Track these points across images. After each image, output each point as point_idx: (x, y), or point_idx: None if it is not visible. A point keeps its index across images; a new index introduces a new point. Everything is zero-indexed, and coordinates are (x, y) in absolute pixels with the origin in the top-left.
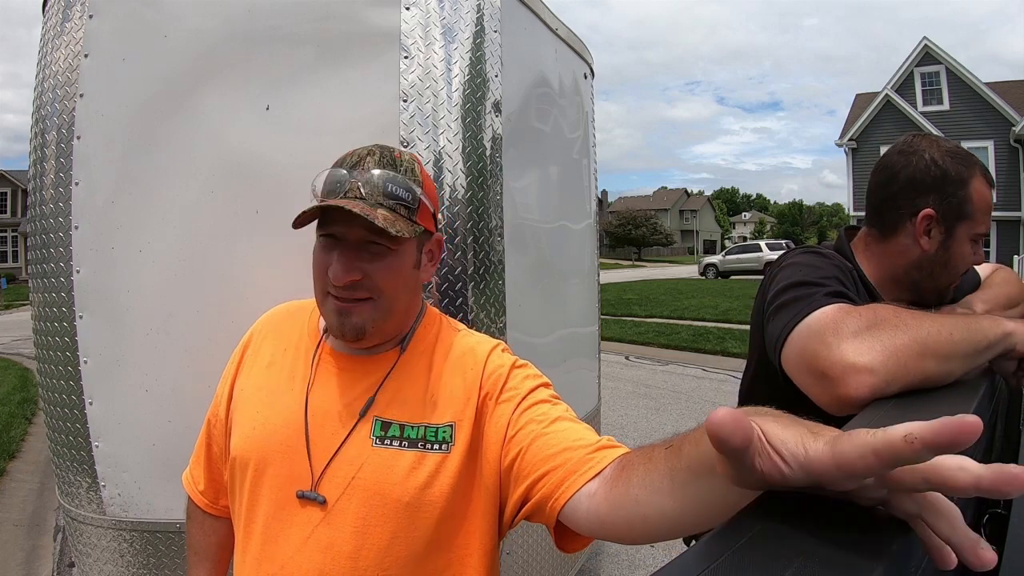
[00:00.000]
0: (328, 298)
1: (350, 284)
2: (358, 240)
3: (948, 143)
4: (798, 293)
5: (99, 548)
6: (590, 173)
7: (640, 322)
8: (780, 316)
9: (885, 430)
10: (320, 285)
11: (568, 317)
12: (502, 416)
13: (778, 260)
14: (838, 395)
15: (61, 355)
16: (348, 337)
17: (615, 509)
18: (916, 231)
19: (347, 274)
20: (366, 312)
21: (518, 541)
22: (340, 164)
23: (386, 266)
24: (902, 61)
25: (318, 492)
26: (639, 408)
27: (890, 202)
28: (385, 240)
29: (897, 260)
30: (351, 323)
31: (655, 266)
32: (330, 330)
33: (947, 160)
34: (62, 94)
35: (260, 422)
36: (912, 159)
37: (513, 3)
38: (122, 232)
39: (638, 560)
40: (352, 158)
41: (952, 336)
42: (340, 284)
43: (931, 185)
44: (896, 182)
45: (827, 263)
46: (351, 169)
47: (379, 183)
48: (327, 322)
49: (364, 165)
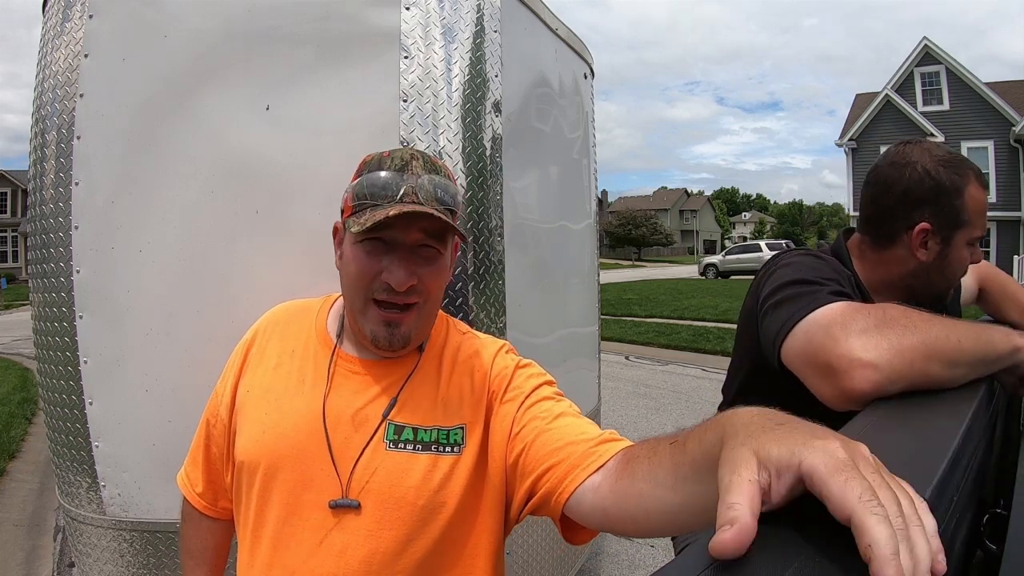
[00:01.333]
0: (371, 306)
1: (410, 289)
2: (413, 244)
3: (939, 150)
4: (799, 290)
5: (99, 548)
6: (590, 173)
7: (640, 322)
8: (780, 311)
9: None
10: (363, 291)
11: (568, 317)
12: (507, 415)
13: (773, 259)
14: (842, 388)
15: (61, 355)
16: (395, 347)
17: (619, 502)
18: (912, 244)
19: (409, 278)
20: (411, 320)
21: (518, 541)
22: (379, 167)
23: (436, 269)
24: (902, 61)
25: (350, 498)
26: (639, 408)
27: (885, 215)
28: (436, 243)
29: (893, 269)
30: (400, 334)
31: (655, 266)
32: (373, 340)
33: (940, 170)
34: (62, 94)
35: (270, 426)
36: (905, 171)
37: (513, 3)
38: (122, 232)
39: (638, 560)
40: (395, 161)
41: (961, 343)
42: (403, 289)
43: (926, 198)
44: (890, 195)
45: (825, 265)
46: (398, 173)
47: (431, 188)
48: (368, 332)
49: (412, 169)
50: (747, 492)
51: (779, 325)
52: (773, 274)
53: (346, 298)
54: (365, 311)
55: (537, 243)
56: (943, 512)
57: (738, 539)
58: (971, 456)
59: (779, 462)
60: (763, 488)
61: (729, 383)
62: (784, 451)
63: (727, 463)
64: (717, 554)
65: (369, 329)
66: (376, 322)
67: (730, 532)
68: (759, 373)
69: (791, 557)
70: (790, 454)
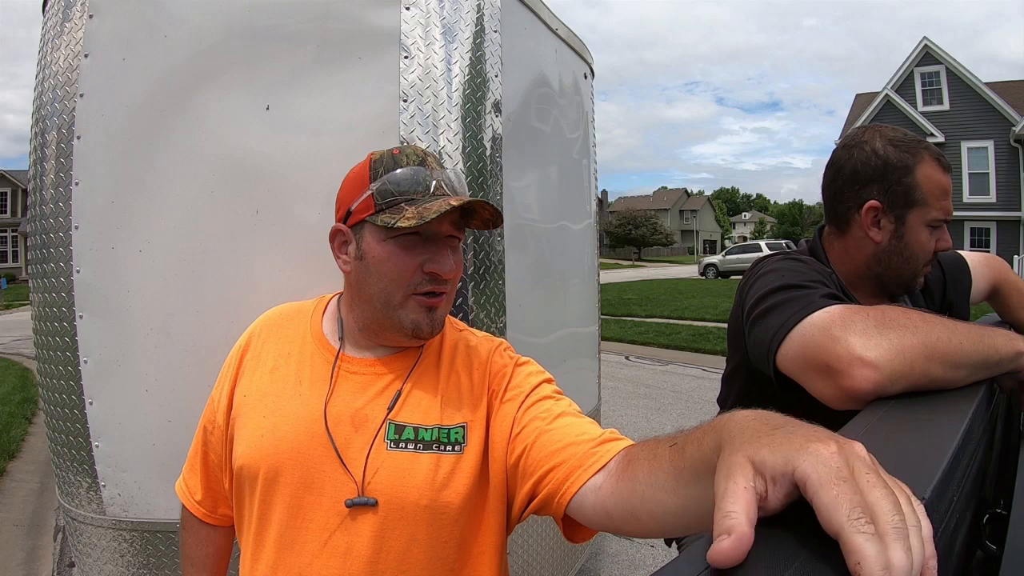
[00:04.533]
0: (410, 299)
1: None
2: (446, 235)
3: (895, 132)
4: (788, 295)
5: (99, 548)
6: (590, 173)
7: (640, 322)
8: (772, 318)
9: None
10: (403, 286)
11: (568, 317)
12: (507, 414)
13: (753, 268)
14: (842, 387)
15: (61, 355)
16: (436, 332)
17: (621, 504)
18: (864, 223)
19: (457, 266)
20: (444, 304)
21: (518, 541)
22: (395, 164)
23: (460, 257)
24: (902, 61)
25: (367, 496)
26: (639, 408)
27: (838, 197)
28: (460, 233)
29: (856, 256)
30: (438, 318)
31: (655, 266)
32: (415, 330)
33: (889, 149)
34: (62, 94)
35: (269, 429)
36: (854, 152)
37: (513, 3)
38: (122, 232)
39: (638, 560)
40: (410, 157)
41: (962, 345)
42: (452, 276)
43: (873, 175)
44: (841, 176)
45: (806, 267)
46: (421, 168)
47: (454, 180)
48: (409, 323)
49: (429, 164)
50: (743, 500)
51: (773, 331)
52: (756, 283)
53: (375, 296)
54: (404, 304)
55: (537, 243)
56: (943, 512)
57: (736, 548)
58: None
59: (774, 469)
60: (759, 495)
61: (724, 396)
62: (779, 458)
63: (723, 469)
64: (715, 563)
65: (410, 320)
66: (417, 311)
67: (727, 541)
68: (753, 383)
69: (791, 557)
70: (784, 461)
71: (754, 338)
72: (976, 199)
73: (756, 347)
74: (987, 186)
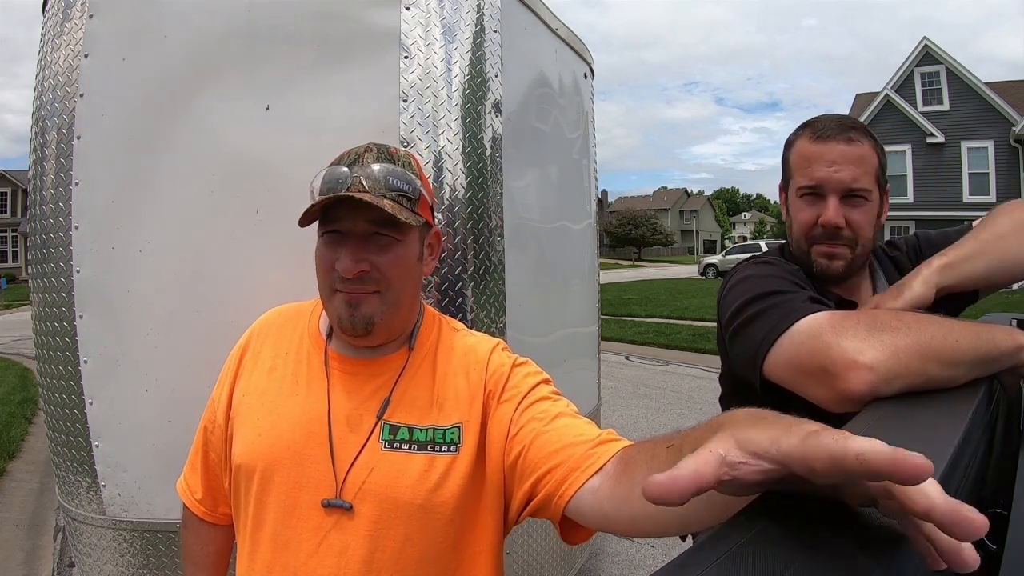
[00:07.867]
0: (335, 295)
1: (359, 275)
2: (364, 233)
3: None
4: (767, 303)
5: (99, 548)
6: (590, 173)
7: (640, 322)
8: (755, 327)
9: (847, 440)
10: (327, 283)
11: (568, 317)
12: (504, 415)
13: (728, 276)
14: (839, 389)
15: (61, 355)
16: (358, 330)
17: (619, 505)
18: (782, 206)
19: (357, 265)
20: (374, 304)
21: (518, 541)
22: (338, 162)
23: (393, 257)
24: (902, 61)
25: (343, 499)
26: (639, 408)
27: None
28: (391, 231)
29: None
30: (361, 314)
31: (655, 266)
32: (339, 326)
33: (791, 135)
34: (62, 94)
35: (266, 428)
36: None
37: (513, 3)
38: (122, 232)
39: (638, 560)
40: (350, 156)
41: (958, 343)
42: (350, 276)
43: (782, 162)
44: None
45: (778, 269)
46: (350, 166)
47: (380, 176)
48: (335, 319)
49: (363, 161)
50: (700, 457)
51: (757, 341)
52: (730, 292)
53: (320, 293)
54: (331, 299)
55: (537, 243)
56: None
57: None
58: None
59: (759, 445)
60: (729, 464)
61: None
62: (764, 436)
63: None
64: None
65: (335, 314)
66: (340, 306)
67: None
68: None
69: (791, 557)
70: (770, 439)
71: (737, 349)
72: (976, 199)
73: (740, 357)
74: (987, 186)
